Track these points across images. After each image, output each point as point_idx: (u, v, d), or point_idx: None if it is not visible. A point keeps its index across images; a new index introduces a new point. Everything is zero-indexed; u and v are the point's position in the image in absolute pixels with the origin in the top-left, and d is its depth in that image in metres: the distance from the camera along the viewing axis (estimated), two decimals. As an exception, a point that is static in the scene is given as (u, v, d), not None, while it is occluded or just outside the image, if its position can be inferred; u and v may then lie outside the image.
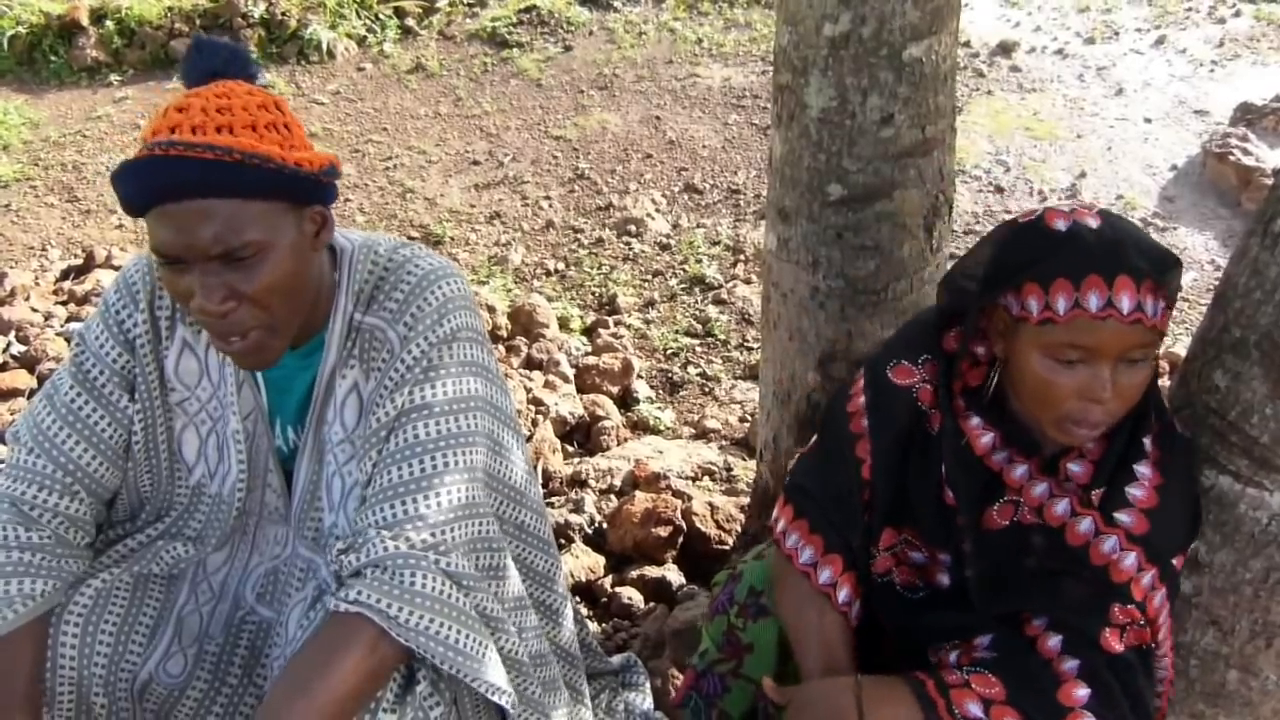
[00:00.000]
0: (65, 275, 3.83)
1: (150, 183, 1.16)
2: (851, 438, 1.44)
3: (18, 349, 3.21)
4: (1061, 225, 1.21)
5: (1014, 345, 1.27)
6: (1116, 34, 5.63)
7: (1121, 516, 1.27)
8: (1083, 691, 1.22)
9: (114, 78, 5.40)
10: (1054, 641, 1.27)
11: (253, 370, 1.34)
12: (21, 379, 3.02)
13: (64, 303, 3.54)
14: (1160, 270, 1.19)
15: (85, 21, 5.49)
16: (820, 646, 1.39)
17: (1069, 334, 1.19)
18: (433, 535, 1.31)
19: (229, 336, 1.25)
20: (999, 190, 4.36)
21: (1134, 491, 1.28)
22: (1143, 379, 1.23)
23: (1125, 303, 1.17)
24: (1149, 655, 1.29)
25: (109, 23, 5.49)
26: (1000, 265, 1.25)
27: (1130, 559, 1.26)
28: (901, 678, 1.30)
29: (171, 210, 1.17)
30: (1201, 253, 3.97)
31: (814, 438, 1.55)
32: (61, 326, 3.34)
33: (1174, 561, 1.30)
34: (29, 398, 2.98)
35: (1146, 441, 1.30)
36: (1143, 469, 1.29)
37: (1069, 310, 1.18)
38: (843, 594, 1.41)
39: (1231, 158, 4.29)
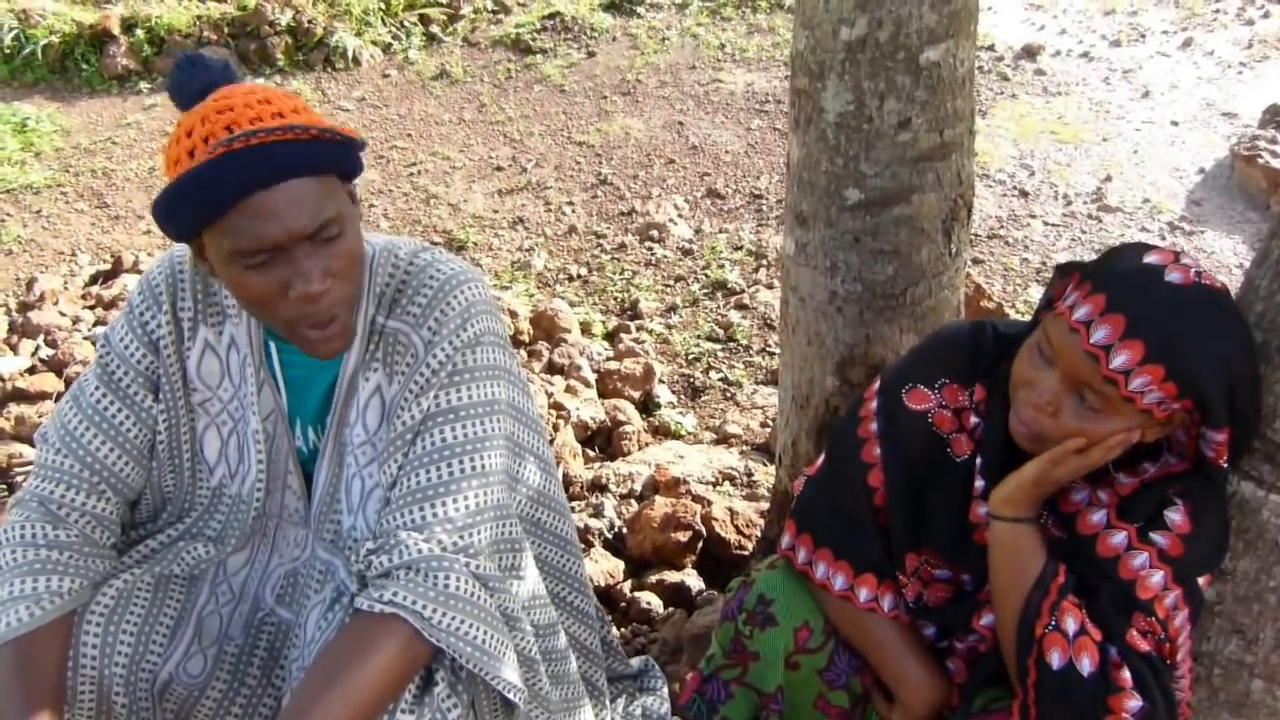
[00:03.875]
0: (94, 280, 3.88)
1: (245, 174, 1.16)
2: (864, 466, 1.43)
3: (46, 353, 3.26)
4: (1151, 259, 1.18)
5: None
6: (1143, 36, 5.58)
7: (1157, 537, 1.26)
8: (1127, 674, 1.22)
9: (144, 86, 5.47)
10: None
11: (335, 356, 1.35)
12: (50, 382, 3.07)
13: (92, 307, 3.59)
14: (1166, 354, 1.12)
15: (116, 30, 5.57)
16: (887, 651, 1.44)
17: (1053, 327, 1.21)
18: (462, 538, 1.33)
19: (325, 324, 1.28)
20: (1023, 194, 4.33)
21: (1173, 516, 1.27)
22: (1090, 430, 1.19)
23: (1100, 334, 1.14)
24: (1169, 670, 1.28)
25: (139, 32, 5.56)
26: (1098, 258, 1.25)
27: (1157, 577, 1.25)
28: None
29: (260, 200, 1.18)
30: (1230, 257, 3.93)
31: (820, 459, 1.55)
32: (89, 331, 3.39)
33: (1199, 581, 1.29)
34: (57, 401, 3.02)
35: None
36: (1175, 498, 1.28)
37: (1065, 306, 1.19)
38: (887, 603, 1.44)
39: (1260, 160, 4.23)
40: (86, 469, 1.42)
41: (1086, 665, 1.22)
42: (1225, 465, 1.23)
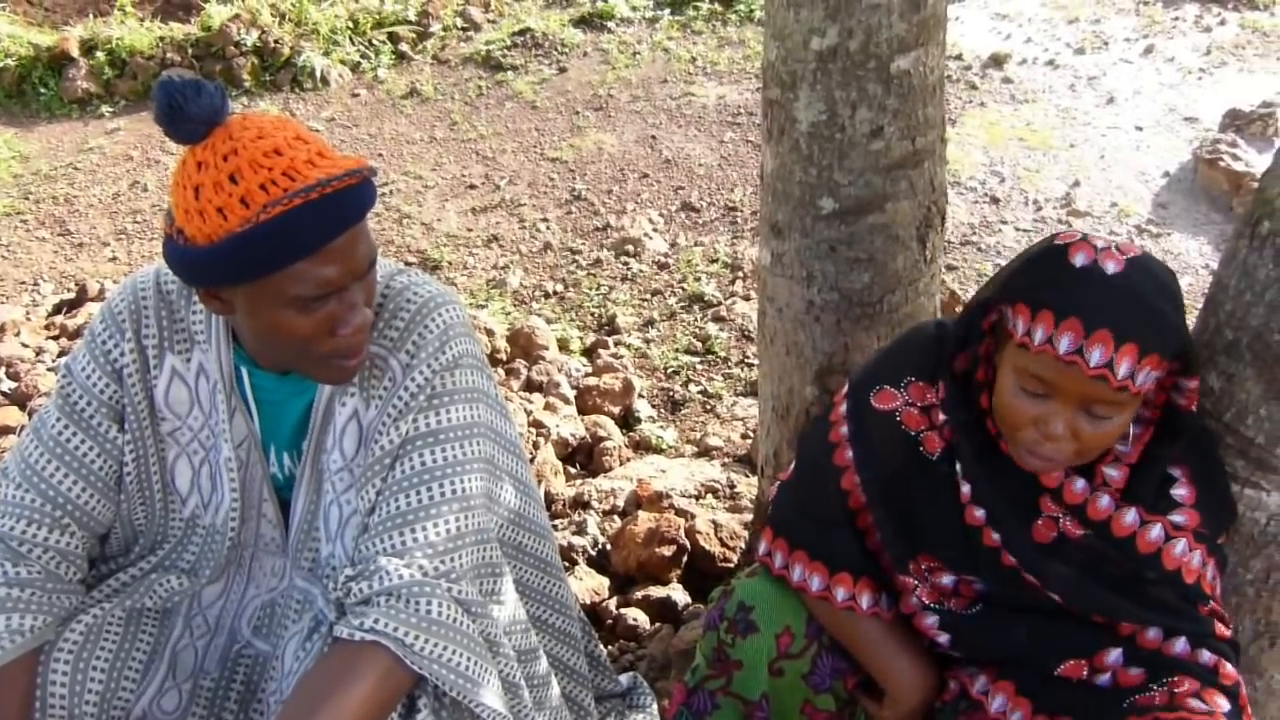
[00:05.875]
0: (57, 310, 3.81)
1: (326, 225, 1.18)
2: (836, 470, 1.43)
3: (8, 385, 3.18)
4: (1080, 260, 1.19)
5: (1000, 356, 1.27)
6: (1106, 44, 5.65)
7: (1177, 518, 1.29)
8: (1228, 666, 1.26)
9: (105, 109, 5.41)
10: (1180, 645, 1.29)
11: (349, 381, 1.36)
12: (13, 416, 2.99)
13: (56, 338, 3.52)
14: (1154, 341, 1.15)
15: (75, 53, 5.50)
16: (871, 649, 1.44)
17: (1036, 365, 1.20)
18: (443, 563, 1.32)
19: (359, 350, 1.29)
20: (994, 201, 4.37)
21: (1179, 491, 1.30)
22: (1108, 434, 1.21)
23: (1096, 356, 1.14)
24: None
25: (99, 54, 5.50)
26: (1015, 274, 1.25)
27: (1196, 559, 1.28)
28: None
29: (332, 247, 1.19)
30: (1195, 258, 3.97)
31: (792, 465, 1.55)
32: (53, 362, 3.32)
33: (1219, 543, 1.32)
34: (20, 435, 2.96)
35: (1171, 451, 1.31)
36: (1175, 471, 1.31)
37: (1042, 343, 1.18)
38: (865, 601, 1.43)
39: (1222, 163, 4.29)
40: (49, 503, 1.38)
41: (1223, 703, 1.25)
42: (1194, 410, 1.28)
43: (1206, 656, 1.28)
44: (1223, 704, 1.24)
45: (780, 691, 1.50)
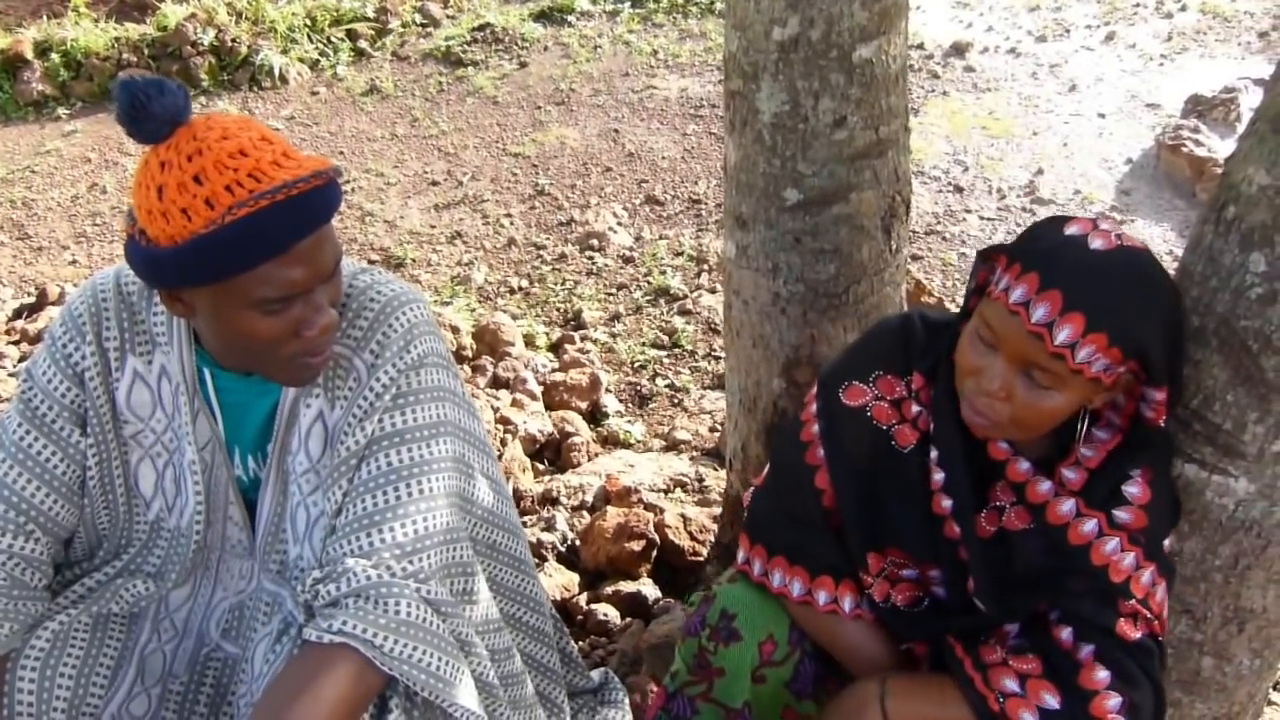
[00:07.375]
0: (18, 314, 3.76)
1: (292, 227, 1.16)
2: (809, 469, 1.42)
3: (-30, 391, 3.14)
4: (1072, 230, 1.19)
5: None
6: (1067, 31, 5.70)
7: (1120, 514, 1.27)
8: (1103, 674, 1.23)
9: (62, 111, 5.32)
10: (1066, 633, 1.28)
11: (312, 383, 1.34)
12: (-26, 421, 2.94)
13: (16, 342, 3.47)
14: (1106, 321, 1.13)
15: (29, 55, 5.41)
16: (855, 652, 1.44)
17: (990, 311, 1.21)
18: (411, 563, 1.31)
19: (323, 351, 1.28)
20: (958, 190, 4.39)
21: (1130, 489, 1.28)
22: (1043, 408, 1.20)
23: (1040, 313, 1.14)
24: (1162, 646, 1.30)
25: (54, 55, 5.41)
26: (1020, 233, 1.26)
27: (1129, 559, 1.26)
28: (936, 673, 1.34)
29: (298, 249, 1.18)
30: (1160, 244, 4.01)
31: (766, 469, 1.54)
32: (14, 367, 3.27)
33: (1164, 545, 1.31)
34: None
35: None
36: (1135, 471, 1.29)
37: (1000, 291, 1.19)
38: (847, 604, 1.43)
39: (1184, 149, 4.34)
40: (12, 509, 1.36)
41: (1050, 701, 1.24)
42: (1163, 426, 1.26)
43: (1085, 651, 1.25)
44: (1048, 699, 1.24)
45: (762, 697, 1.50)
